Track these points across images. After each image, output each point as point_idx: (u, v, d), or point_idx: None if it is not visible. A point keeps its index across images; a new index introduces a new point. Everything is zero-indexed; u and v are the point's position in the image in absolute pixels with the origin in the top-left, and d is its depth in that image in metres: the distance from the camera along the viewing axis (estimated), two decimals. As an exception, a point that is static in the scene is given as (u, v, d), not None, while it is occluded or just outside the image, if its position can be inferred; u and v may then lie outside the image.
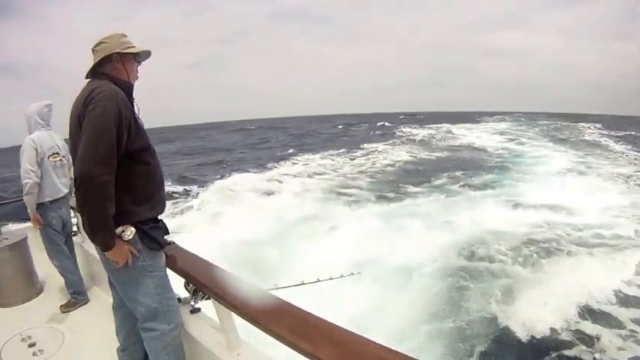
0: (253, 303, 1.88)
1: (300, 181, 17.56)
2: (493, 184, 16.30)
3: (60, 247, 4.03)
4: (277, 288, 2.42)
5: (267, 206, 12.76)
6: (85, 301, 4.00)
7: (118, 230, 2.00)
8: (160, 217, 2.26)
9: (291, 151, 28.92)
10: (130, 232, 2.02)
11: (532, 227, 10.56)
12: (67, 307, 3.90)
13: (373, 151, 26.63)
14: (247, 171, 20.50)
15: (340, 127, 58.17)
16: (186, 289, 2.54)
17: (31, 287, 4.32)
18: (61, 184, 3.94)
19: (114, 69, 2.11)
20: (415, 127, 47.52)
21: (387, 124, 55.58)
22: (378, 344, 1.56)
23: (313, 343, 1.59)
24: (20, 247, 4.30)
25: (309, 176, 18.58)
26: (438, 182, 16.86)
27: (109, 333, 2.78)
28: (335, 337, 1.61)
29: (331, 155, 25.31)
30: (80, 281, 4.06)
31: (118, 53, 2.10)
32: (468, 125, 48.38)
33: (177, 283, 2.42)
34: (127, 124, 1.94)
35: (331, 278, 3.40)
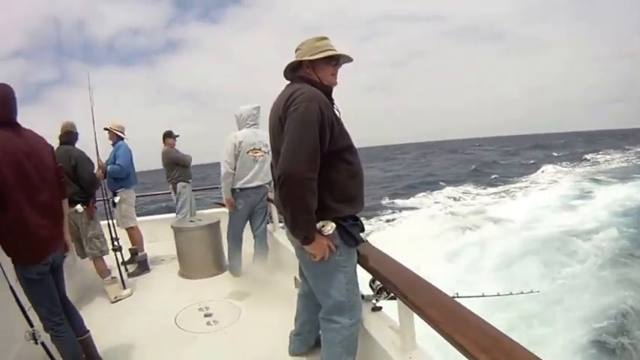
0: (438, 308, 1.82)
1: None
2: None
3: (236, 232, 4.54)
4: (459, 297, 2.29)
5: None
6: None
7: (319, 225, 2.03)
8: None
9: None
10: (330, 227, 2.05)
11: None
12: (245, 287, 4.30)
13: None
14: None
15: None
16: (371, 287, 2.56)
17: (217, 265, 4.84)
18: (257, 176, 4.37)
19: (306, 73, 2.17)
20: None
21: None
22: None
23: (494, 360, 1.48)
24: (213, 228, 4.89)
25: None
26: None
27: (285, 316, 2.92)
28: (517, 356, 1.46)
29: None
30: (238, 268, 4.58)
31: (309, 60, 2.14)
32: None
33: (362, 281, 2.41)
34: (328, 123, 1.97)
35: (511, 293, 3.25)
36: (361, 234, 2.30)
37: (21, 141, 2.44)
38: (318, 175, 1.95)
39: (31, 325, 2.52)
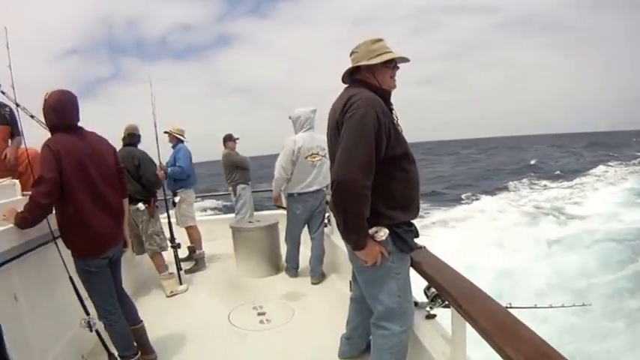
0: (492, 319, 1.72)
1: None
2: None
3: (294, 235, 4.53)
4: (511, 307, 2.14)
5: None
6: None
7: (372, 230, 2.00)
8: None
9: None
10: (383, 233, 2.01)
11: None
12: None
13: None
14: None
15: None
16: (426, 294, 2.49)
17: (274, 266, 4.84)
18: (315, 181, 4.30)
19: (364, 77, 2.11)
20: None
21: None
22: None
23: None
24: (271, 230, 4.91)
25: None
26: None
27: (337, 319, 2.87)
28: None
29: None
30: (294, 269, 4.62)
31: (366, 65, 2.07)
32: None
33: (416, 288, 2.39)
34: (385, 130, 1.92)
35: (563, 306, 3.12)
36: (416, 240, 2.25)
37: (84, 143, 2.55)
38: (373, 181, 1.91)
39: (87, 314, 2.62)
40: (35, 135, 3.03)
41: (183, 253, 5.06)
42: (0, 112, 3.52)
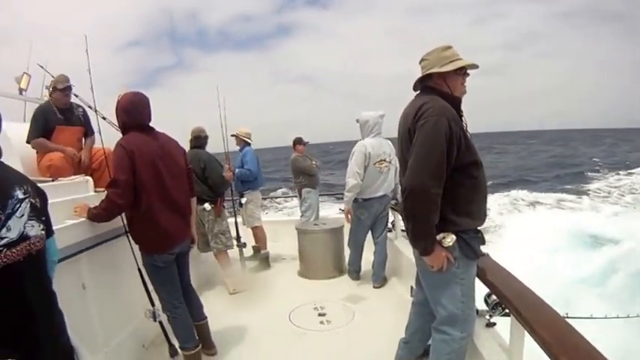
0: (550, 329, 1.68)
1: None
2: None
3: (358, 239, 4.46)
4: (568, 317, 2.01)
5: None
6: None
7: (439, 236, 2.02)
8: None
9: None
10: (450, 239, 2.03)
11: None
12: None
13: None
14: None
15: None
16: (486, 301, 2.45)
17: (336, 268, 4.82)
18: (381, 186, 4.23)
19: (436, 84, 2.12)
20: None
21: None
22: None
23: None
24: (335, 232, 4.90)
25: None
26: None
27: (397, 323, 2.81)
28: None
29: None
30: (357, 272, 4.57)
31: (437, 72, 2.09)
32: None
33: (477, 295, 2.34)
34: (456, 139, 1.94)
35: (628, 316, 3.00)
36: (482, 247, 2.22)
37: (155, 144, 2.64)
38: (443, 189, 1.95)
39: (152, 305, 2.74)
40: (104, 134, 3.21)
41: (248, 252, 5.17)
42: (74, 114, 3.68)
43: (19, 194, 1.50)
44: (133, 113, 2.64)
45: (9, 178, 1.54)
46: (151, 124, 2.73)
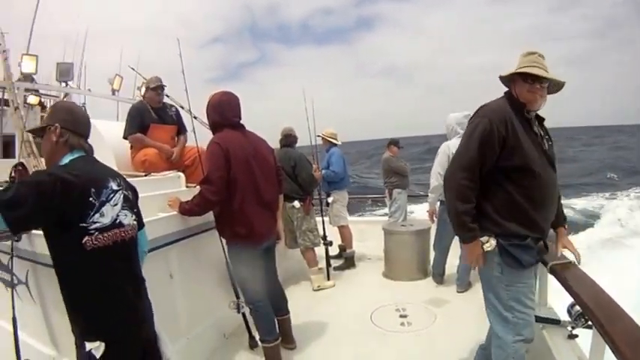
0: (634, 343, 1.55)
1: None
2: None
3: (443, 242, 4.38)
4: None
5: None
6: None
7: (483, 239, 2.06)
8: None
9: None
10: (489, 244, 2.05)
11: None
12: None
13: None
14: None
15: None
16: (569, 312, 2.38)
17: (421, 270, 4.74)
18: None
19: (510, 86, 2.16)
20: None
21: None
22: None
23: None
24: (422, 234, 4.80)
25: None
26: None
27: (479, 329, 2.74)
28: None
29: None
30: (441, 275, 4.46)
31: (511, 74, 2.11)
32: None
33: (561, 305, 2.38)
34: (498, 140, 1.97)
35: None
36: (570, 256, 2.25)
37: (248, 142, 2.77)
38: (485, 187, 2.05)
39: (237, 297, 2.90)
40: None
41: (334, 250, 5.24)
42: (167, 113, 3.87)
43: (114, 186, 1.66)
44: (223, 111, 2.76)
45: (103, 171, 1.72)
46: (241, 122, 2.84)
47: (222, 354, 3.10)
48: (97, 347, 1.52)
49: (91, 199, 1.54)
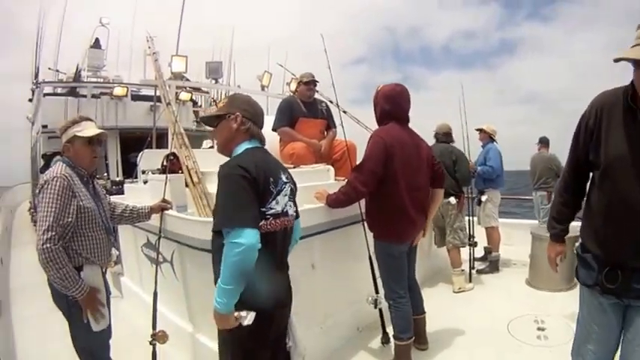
0: None
1: None
2: None
3: None
4: None
5: None
6: None
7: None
8: None
9: None
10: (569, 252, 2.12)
11: None
12: None
13: None
14: None
15: None
16: None
17: (567, 280, 4.36)
18: None
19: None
20: None
21: None
22: None
23: None
24: (571, 241, 4.28)
25: None
26: None
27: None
28: None
29: None
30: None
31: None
32: None
33: None
34: (588, 129, 1.79)
35: None
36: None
37: (412, 141, 2.86)
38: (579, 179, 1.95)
39: (377, 292, 3.03)
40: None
41: (479, 252, 5.20)
42: (317, 107, 4.02)
43: (284, 178, 1.87)
44: (395, 101, 2.82)
45: (275, 163, 1.94)
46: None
47: (354, 346, 3.20)
48: (247, 316, 1.67)
49: (271, 187, 1.75)
